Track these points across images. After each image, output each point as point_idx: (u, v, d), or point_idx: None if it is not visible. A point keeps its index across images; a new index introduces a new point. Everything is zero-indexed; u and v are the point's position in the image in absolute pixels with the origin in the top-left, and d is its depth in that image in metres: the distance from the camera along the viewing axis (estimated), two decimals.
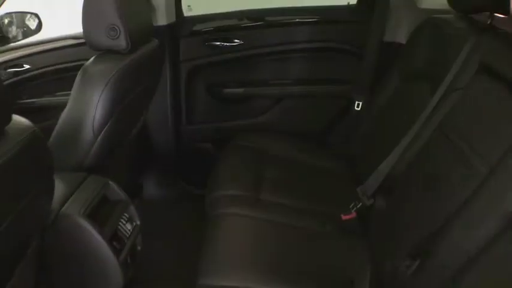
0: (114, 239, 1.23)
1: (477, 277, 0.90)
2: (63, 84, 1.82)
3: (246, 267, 1.18)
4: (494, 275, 0.88)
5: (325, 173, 1.71)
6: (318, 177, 1.67)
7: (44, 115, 1.71)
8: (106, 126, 1.27)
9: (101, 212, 1.23)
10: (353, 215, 1.40)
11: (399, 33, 1.78)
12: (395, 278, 1.09)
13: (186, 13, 1.94)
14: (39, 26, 1.77)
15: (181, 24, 1.89)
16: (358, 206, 1.39)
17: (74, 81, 1.33)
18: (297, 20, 2.02)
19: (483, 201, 0.93)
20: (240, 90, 2.00)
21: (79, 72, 1.28)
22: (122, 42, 1.28)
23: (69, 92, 1.81)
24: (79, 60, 1.79)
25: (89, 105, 1.24)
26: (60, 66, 1.88)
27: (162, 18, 1.76)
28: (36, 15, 1.77)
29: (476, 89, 1.15)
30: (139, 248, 1.38)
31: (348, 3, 2.03)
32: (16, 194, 0.82)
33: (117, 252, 1.21)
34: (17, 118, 0.80)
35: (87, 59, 1.38)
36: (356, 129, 1.78)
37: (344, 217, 1.40)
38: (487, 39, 1.24)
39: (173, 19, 1.82)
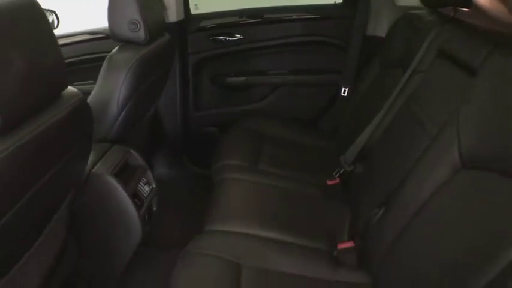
0: (135, 197, 1.46)
1: (429, 218, 1.08)
2: (82, 75, 2.03)
3: (246, 217, 1.40)
4: (442, 215, 1.06)
5: (315, 149, 1.93)
6: (309, 153, 1.89)
7: None
8: (128, 105, 1.50)
9: (124, 174, 1.46)
10: (337, 180, 1.64)
11: (380, 28, 1.99)
12: (367, 227, 1.31)
13: (193, 11, 2.14)
14: (55, 23, 1.89)
15: (189, 21, 2.09)
16: (340, 172, 1.62)
17: (91, 71, 1.54)
18: (291, 17, 2.23)
19: (433, 155, 1.14)
20: (241, 79, 2.21)
21: (105, 59, 1.50)
22: (141, 35, 1.51)
23: (86, 82, 2.04)
24: (95, 53, 2.00)
25: (115, 87, 1.46)
26: (78, 58, 2.05)
27: (172, 16, 1.96)
28: (53, 12, 1.89)
29: (435, 70, 1.38)
30: (154, 208, 1.61)
31: (335, 1, 2.24)
32: (63, 148, 1.03)
33: (137, 207, 1.43)
34: (69, 87, 1.03)
35: (103, 52, 1.61)
36: (342, 113, 2.00)
37: (329, 182, 1.64)
38: (447, 28, 1.46)
39: (182, 17, 2.02)
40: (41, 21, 0.89)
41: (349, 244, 1.31)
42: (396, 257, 1.14)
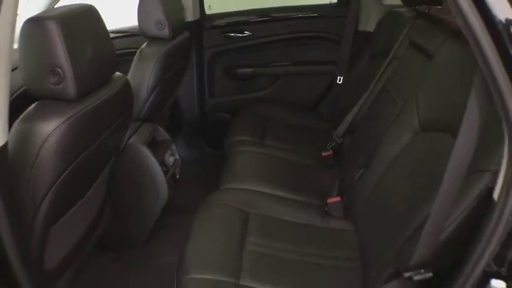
0: (162, 164, 1.77)
1: (395, 173, 1.36)
2: None
3: (254, 178, 1.69)
4: (404, 169, 1.33)
5: (313, 129, 2.22)
6: (308, 132, 2.19)
7: None
8: (155, 90, 1.80)
9: (153, 146, 1.76)
10: (330, 152, 1.94)
11: (369, 23, 2.26)
12: (350, 185, 1.62)
13: (208, 12, 2.43)
14: None
15: (204, 20, 2.38)
16: (333, 145, 1.92)
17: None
18: (292, 15, 2.50)
19: (400, 123, 1.43)
20: (249, 70, 2.48)
21: (136, 53, 1.81)
22: (166, 32, 1.82)
23: None
24: (121, 49, 2.27)
25: (145, 75, 1.77)
26: None
27: (190, 16, 2.25)
28: None
29: (406, 58, 1.67)
30: (177, 176, 1.92)
31: (330, 1, 2.52)
32: (113, 117, 1.34)
33: (164, 173, 1.75)
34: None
35: (129, 48, 1.88)
36: (337, 98, 2.30)
37: (324, 154, 1.94)
38: (418, 23, 1.75)
39: (198, 16, 2.31)
40: (99, 21, 1.22)
41: (337, 198, 1.61)
42: (371, 206, 1.43)
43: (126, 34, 2.32)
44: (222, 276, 1.21)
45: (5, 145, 0.87)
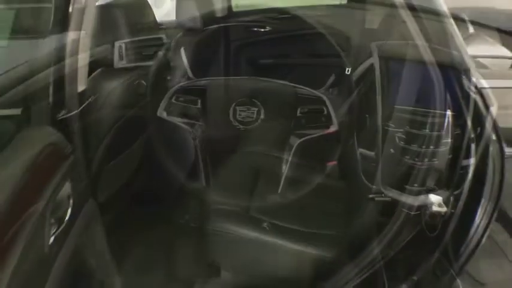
0: (192, 132, 2.15)
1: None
2: None
3: None
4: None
5: None
6: None
7: None
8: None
9: (184, 116, 2.15)
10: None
11: (374, 21, 2.57)
12: (346, 151, 1.95)
13: (234, 9, 2.79)
14: None
15: (231, 16, 2.74)
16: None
17: None
18: (307, 14, 2.79)
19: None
20: (270, 60, 2.83)
21: (173, 40, 2.19)
22: (198, 25, 2.20)
23: None
24: None
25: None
26: None
27: (219, 12, 2.61)
28: None
29: None
30: None
31: (340, 2, 2.87)
32: None
33: (193, 139, 2.12)
34: None
35: None
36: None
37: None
38: None
39: (226, 13, 2.68)
40: (149, 9, 1.60)
41: (333, 162, 1.95)
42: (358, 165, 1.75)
43: (162, 27, 2.71)
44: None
45: (85, 90, 1.25)
